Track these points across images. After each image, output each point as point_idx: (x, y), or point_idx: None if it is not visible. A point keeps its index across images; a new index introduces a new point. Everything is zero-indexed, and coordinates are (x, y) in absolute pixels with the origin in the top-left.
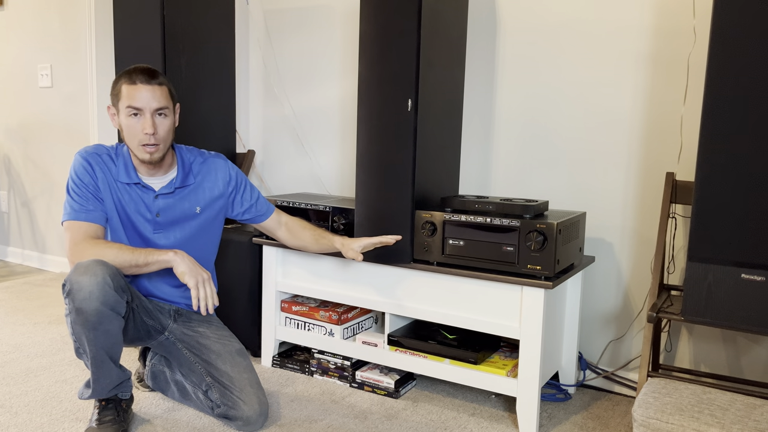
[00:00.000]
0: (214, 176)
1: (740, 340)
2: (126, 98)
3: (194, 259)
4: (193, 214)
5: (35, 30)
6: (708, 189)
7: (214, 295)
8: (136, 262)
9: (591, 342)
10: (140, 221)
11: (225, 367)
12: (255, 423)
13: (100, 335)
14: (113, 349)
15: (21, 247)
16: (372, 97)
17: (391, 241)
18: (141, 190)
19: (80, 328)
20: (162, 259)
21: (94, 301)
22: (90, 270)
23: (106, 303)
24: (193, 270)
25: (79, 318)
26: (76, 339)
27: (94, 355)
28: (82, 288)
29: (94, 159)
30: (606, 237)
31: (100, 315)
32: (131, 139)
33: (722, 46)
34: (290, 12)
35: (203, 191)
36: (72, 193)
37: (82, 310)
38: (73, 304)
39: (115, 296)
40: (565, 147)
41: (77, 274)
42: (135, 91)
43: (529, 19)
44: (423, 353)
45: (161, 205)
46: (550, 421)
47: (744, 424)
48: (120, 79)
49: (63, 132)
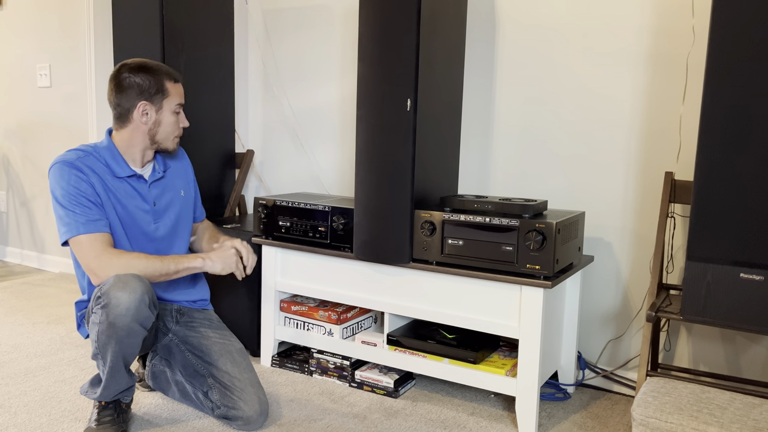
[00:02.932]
0: (183, 160)
1: (739, 340)
2: (176, 96)
3: (216, 252)
4: (179, 197)
5: (34, 30)
6: (707, 188)
7: (252, 255)
8: (166, 271)
9: (590, 341)
10: (140, 215)
11: (226, 367)
12: (255, 423)
13: (125, 347)
14: (130, 358)
15: (20, 247)
16: (371, 97)
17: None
18: (135, 181)
19: (108, 339)
20: (193, 266)
21: (129, 318)
22: (129, 286)
23: (138, 319)
24: (225, 260)
25: (109, 330)
26: (99, 347)
27: (113, 365)
28: (120, 304)
29: (81, 164)
30: (605, 236)
31: (130, 331)
32: (169, 133)
33: (721, 46)
34: (289, 11)
35: (179, 174)
36: (69, 205)
37: (115, 325)
38: (107, 317)
39: (148, 313)
40: (564, 147)
41: (116, 288)
42: (179, 89)
43: (528, 20)
44: (422, 353)
45: (155, 193)
46: (550, 421)
47: (743, 423)
48: (160, 77)
49: (62, 132)
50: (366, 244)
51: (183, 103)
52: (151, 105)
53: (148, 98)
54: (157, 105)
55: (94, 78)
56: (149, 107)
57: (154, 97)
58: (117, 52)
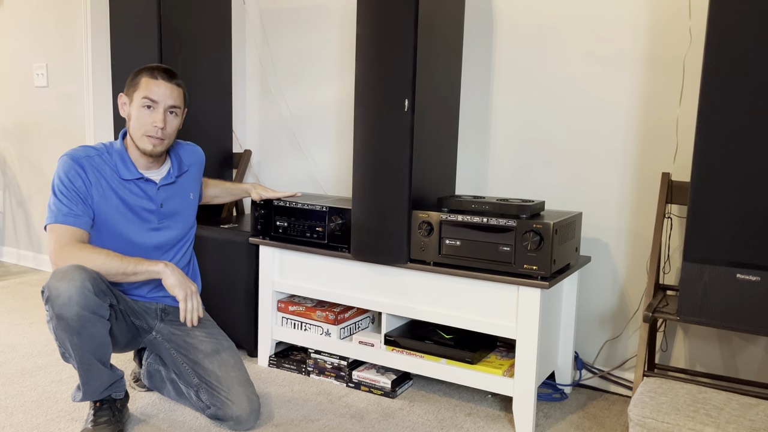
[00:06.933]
0: (199, 162)
1: (735, 340)
2: (144, 89)
3: (182, 272)
4: (188, 200)
5: (31, 29)
6: (703, 189)
7: (200, 307)
8: (124, 270)
9: (587, 342)
10: (144, 214)
11: (212, 366)
12: (246, 422)
13: (85, 339)
14: (100, 351)
15: (16, 247)
16: (369, 97)
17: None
18: (144, 183)
19: (63, 333)
20: (151, 270)
21: (74, 306)
22: (68, 276)
23: (87, 307)
24: (183, 283)
25: (60, 324)
26: (60, 344)
27: (80, 359)
28: (61, 294)
29: (86, 162)
30: (602, 237)
31: (81, 319)
32: (138, 129)
33: (718, 47)
34: (287, 12)
35: (192, 176)
36: (60, 195)
37: (63, 316)
38: (53, 310)
39: (96, 300)
40: (562, 147)
41: (55, 280)
42: (155, 85)
43: (525, 21)
44: (419, 353)
45: (163, 196)
46: (547, 421)
47: (739, 424)
48: (141, 72)
49: (59, 131)
50: (363, 245)
51: (155, 100)
52: (126, 97)
53: (127, 91)
54: (130, 98)
55: (91, 78)
56: (126, 99)
57: (128, 90)
58: (114, 51)
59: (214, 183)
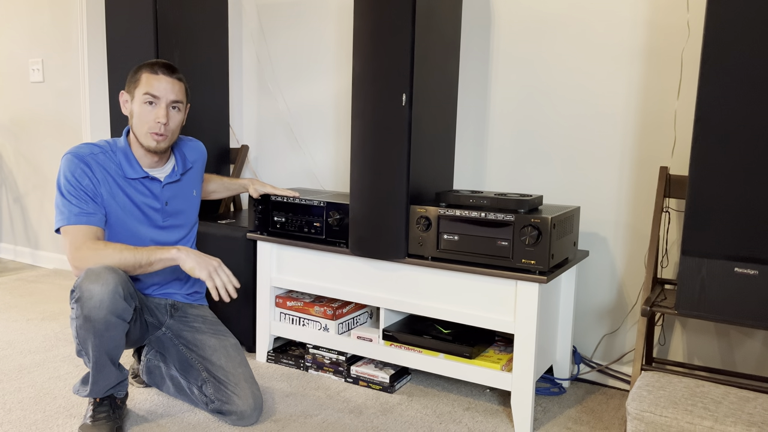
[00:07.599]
0: (202, 158)
1: (733, 334)
2: (145, 85)
3: (198, 251)
4: (192, 197)
5: (26, 24)
6: (702, 183)
7: (232, 277)
8: (140, 262)
9: (585, 336)
10: (150, 212)
11: (220, 362)
12: (249, 417)
13: (106, 341)
14: (115, 352)
15: (13, 243)
16: (366, 92)
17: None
18: (149, 182)
19: (86, 333)
20: (166, 257)
21: (104, 310)
22: (101, 278)
23: (115, 311)
24: (202, 262)
25: (86, 324)
26: (80, 342)
27: (97, 359)
28: (93, 296)
29: (91, 160)
30: (600, 231)
31: (108, 323)
32: (141, 125)
33: (716, 41)
34: (283, 6)
35: (195, 173)
36: (68, 195)
37: (91, 318)
38: (82, 311)
39: (124, 305)
40: (560, 142)
41: (88, 281)
42: (156, 80)
43: (523, 15)
44: (418, 348)
45: (168, 194)
46: (545, 415)
47: (737, 417)
48: (141, 68)
49: (55, 127)
50: (361, 240)
51: (157, 96)
52: (127, 94)
53: (128, 88)
54: (131, 95)
55: (87, 73)
56: (127, 96)
57: (129, 87)
58: (110, 46)
59: (211, 178)
